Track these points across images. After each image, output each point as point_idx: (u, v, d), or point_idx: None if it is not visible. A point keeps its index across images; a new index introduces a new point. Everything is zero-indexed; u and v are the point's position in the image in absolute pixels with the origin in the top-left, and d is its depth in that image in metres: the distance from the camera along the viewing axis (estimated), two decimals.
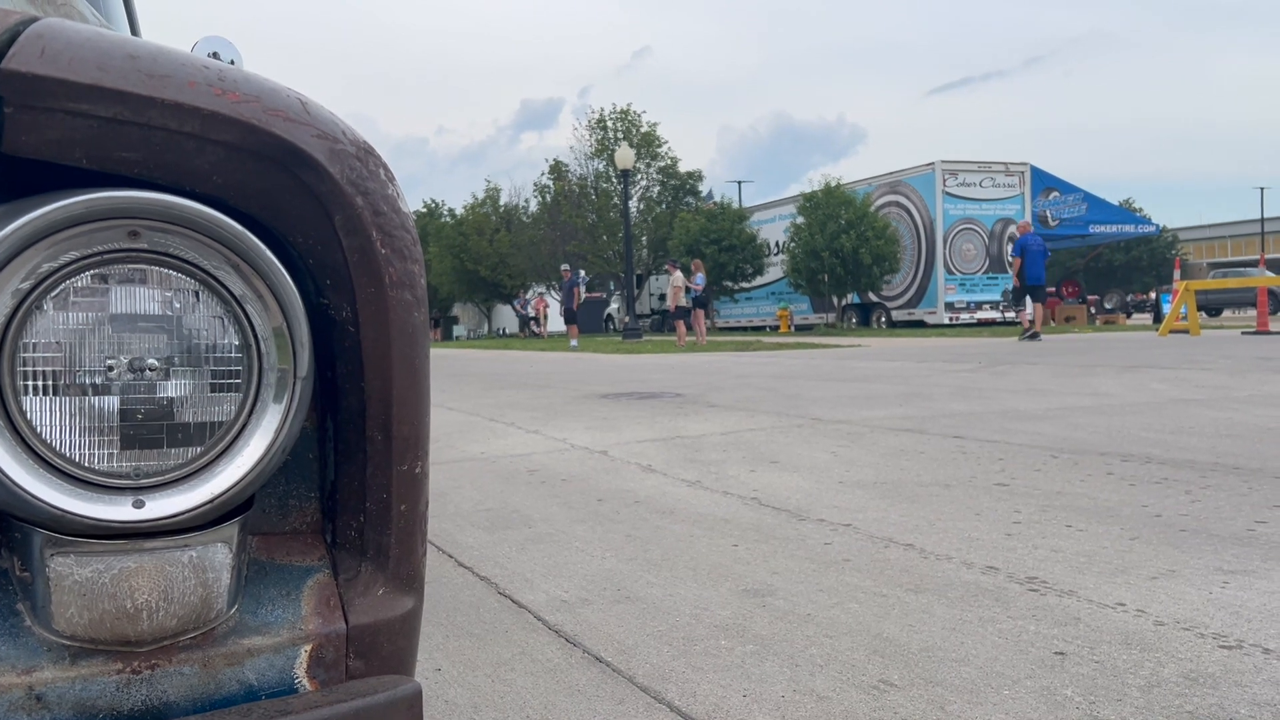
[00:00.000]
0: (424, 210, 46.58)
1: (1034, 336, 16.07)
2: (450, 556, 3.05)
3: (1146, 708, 1.75)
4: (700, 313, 21.61)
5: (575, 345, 21.86)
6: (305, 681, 0.82)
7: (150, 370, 0.75)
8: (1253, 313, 22.68)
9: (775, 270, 30.67)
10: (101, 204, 0.70)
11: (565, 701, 1.90)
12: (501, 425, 6.48)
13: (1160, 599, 2.35)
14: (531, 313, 37.98)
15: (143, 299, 0.74)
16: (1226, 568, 2.59)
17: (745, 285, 31.54)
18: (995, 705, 1.79)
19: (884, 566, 2.74)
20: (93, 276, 0.73)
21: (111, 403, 0.74)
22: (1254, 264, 39.82)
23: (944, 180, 25.61)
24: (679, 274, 21.97)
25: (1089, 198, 28.73)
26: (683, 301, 21.36)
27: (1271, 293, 26.76)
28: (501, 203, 43.24)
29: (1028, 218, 26.09)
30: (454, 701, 1.92)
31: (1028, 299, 17.53)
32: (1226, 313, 32.51)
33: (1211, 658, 1.97)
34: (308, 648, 0.82)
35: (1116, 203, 34.92)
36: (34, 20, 0.72)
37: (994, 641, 2.11)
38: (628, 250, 25.66)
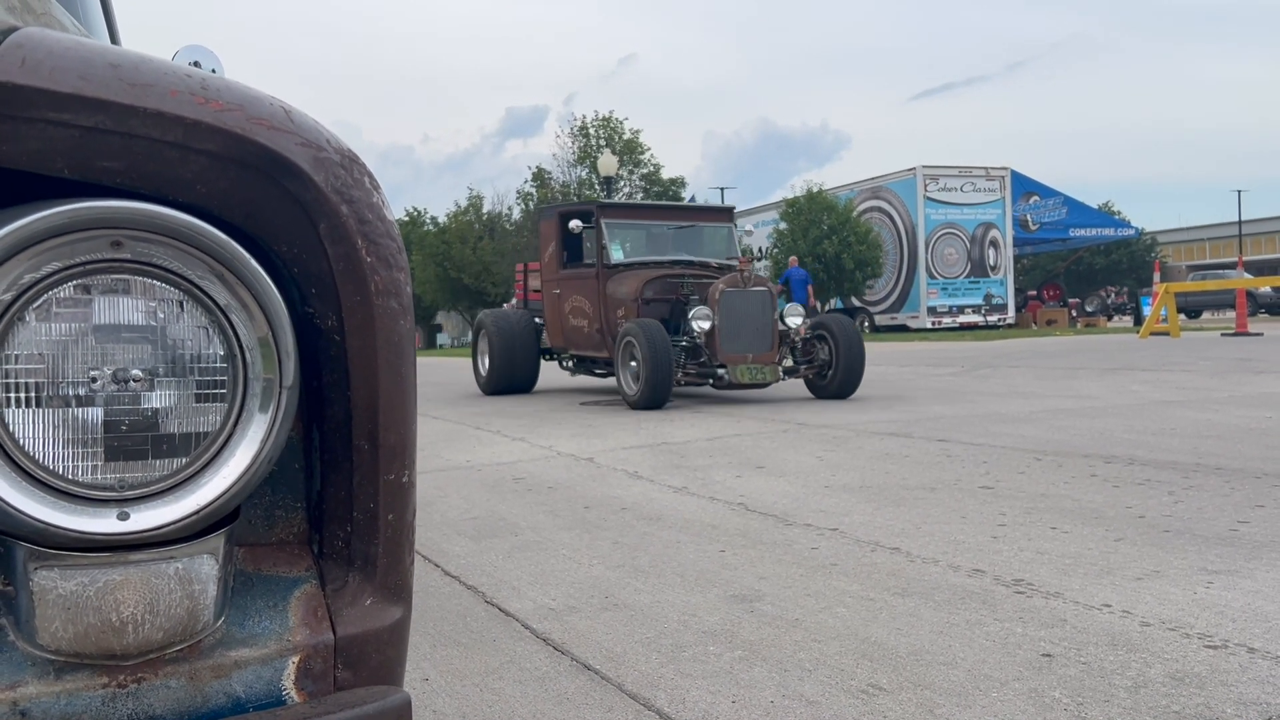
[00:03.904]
0: (406, 219, 46.43)
1: None
2: (437, 566, 3.04)
3: (1134, 708, 1.75)
4: None
5: None
6: (293, 693, 0.81)
7: (134, 381, 0.74)
8: (1232, 314, 22.88)
9: None
10: (84, 214, 0.70)
11: (554, 710, 1.89)
12: (487, 433, 6.46)
13: (1146, 600, 2.36)
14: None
15: (126, 309, 0.74)
16: (1210, 568, 2.60)
17: None
18: (984, 708, 1.79)
19: (871, 570, 2.74)
20: (76, 287, 0.72)
21: (95, 414, 0.73)
22: (1232, 266, 40.13)
23: (925, 185, 25.71)
24: None
25: (1069, 201, 28.93)
26: None
27: (1250, 294, 26.99)
28: (485, 210, 43.15)
29: (1009, 221, 26.29)
30: (442, 711, 1.91)
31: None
32: (1206, 314, 32.73)
33: (1197, 658, 1.98)
34: (295, 659, 0.81)
35: (1096, 206, 35.20)
36: (14, 29, 0.71)
37: (982, 644, 2.12)
38: None
